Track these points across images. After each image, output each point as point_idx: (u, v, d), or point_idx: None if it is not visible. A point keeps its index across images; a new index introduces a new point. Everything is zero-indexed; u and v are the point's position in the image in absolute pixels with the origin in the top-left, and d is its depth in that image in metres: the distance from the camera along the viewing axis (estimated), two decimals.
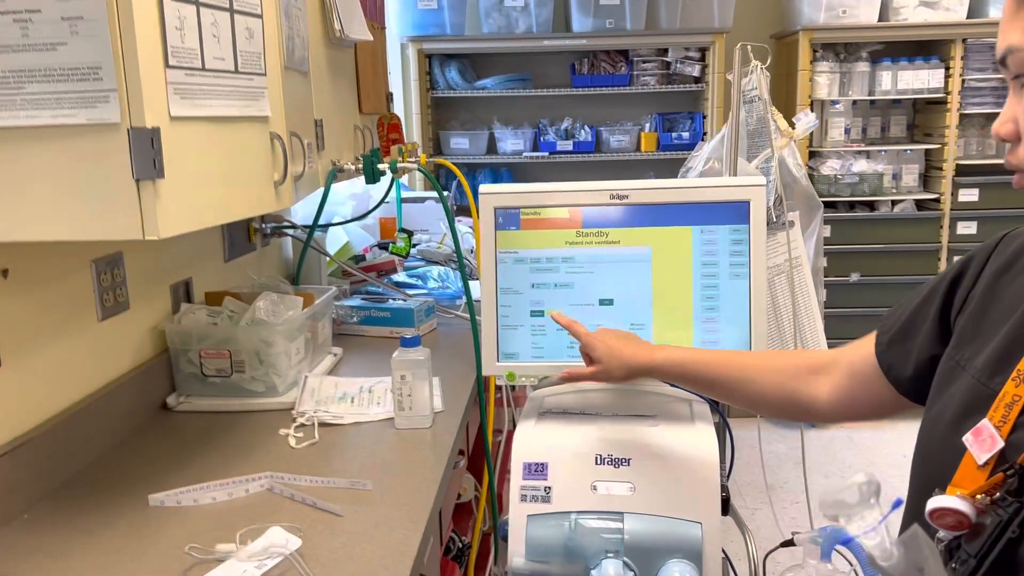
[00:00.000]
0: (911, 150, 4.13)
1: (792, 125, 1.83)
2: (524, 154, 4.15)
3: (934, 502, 0.78)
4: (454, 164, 2.06)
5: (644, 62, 4.13)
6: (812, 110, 3.68)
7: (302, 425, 1.60)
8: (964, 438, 0.80)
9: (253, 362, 1.70)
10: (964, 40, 3.87)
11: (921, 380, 0.99)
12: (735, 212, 1.36)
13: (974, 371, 0.85)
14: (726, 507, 1.25)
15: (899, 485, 2.83)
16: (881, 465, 3.60)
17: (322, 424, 1.60)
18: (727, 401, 1.26)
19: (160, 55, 1.10)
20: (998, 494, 0.75)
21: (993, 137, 0.86)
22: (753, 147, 1.84)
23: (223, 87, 1.26)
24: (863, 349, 1.11)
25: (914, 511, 0.92)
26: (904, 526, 0.94)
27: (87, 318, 1.51)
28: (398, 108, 4.09)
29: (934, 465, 0.87)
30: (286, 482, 1.34)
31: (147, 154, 1.07)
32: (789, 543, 1.25)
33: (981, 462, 0.78)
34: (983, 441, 0.78)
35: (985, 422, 0.79)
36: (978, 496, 0.76)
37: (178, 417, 1.67)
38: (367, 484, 1.33)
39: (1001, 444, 0.77)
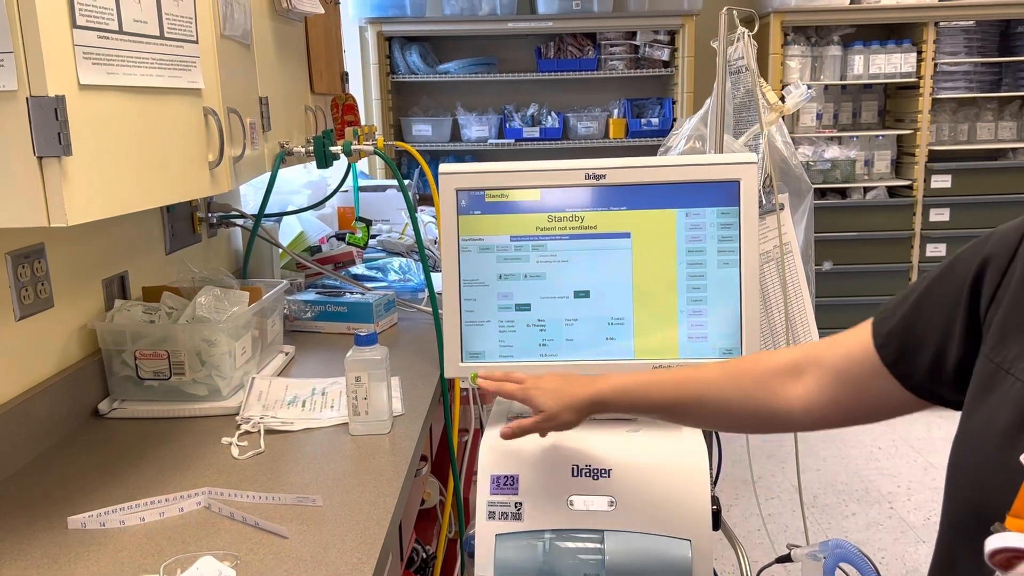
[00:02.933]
0: (883, 136, 4.07)
1: (782, 99, 1.71)
2: (489, 141, 4.01)
3: (996, 541, 0.65)
4: (416, 151, 1.92)
5: (612, 46, 4.01)
6: (784, 95, 3.61)
7: (247, 432, 1.45)
8: (1023, 458, 0.68)
9: (194, 363, 1.55)
10: (936, 23, 3.80)
11: (940, 381, 0.87)
12: (724, 193, 1.23)
13: None
14: (717, 521, 1.14)
15: (877, 479, 2.71)
16: (856, 459, 3.53)
17: (269, 431, 1.45)
18: (691, 424, 1.12)
19: (66, 13, 0.96)
20: None
21: None
22: (740, 123, 1.72)
23: (145, 54, 1.11)
24: (851, 346, 0.96)
25: (953, 541, 0.80)
26: (940, 557, 0.82)
27: (2, 317, 1.35)
28: (356, 94, 3.92)
29: (982, 488, 0.74)
30: (225, 499, 1.20)
31: (50, 127, 0.93)
32: (785, 558, 1.14)
33: None
34: None
35: None
36: None
37: (111, 425, 1.52)
38: (316, 500, 1.19)
39: None
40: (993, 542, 0.65)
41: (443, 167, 1.31)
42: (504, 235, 1.28)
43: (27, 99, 0.91)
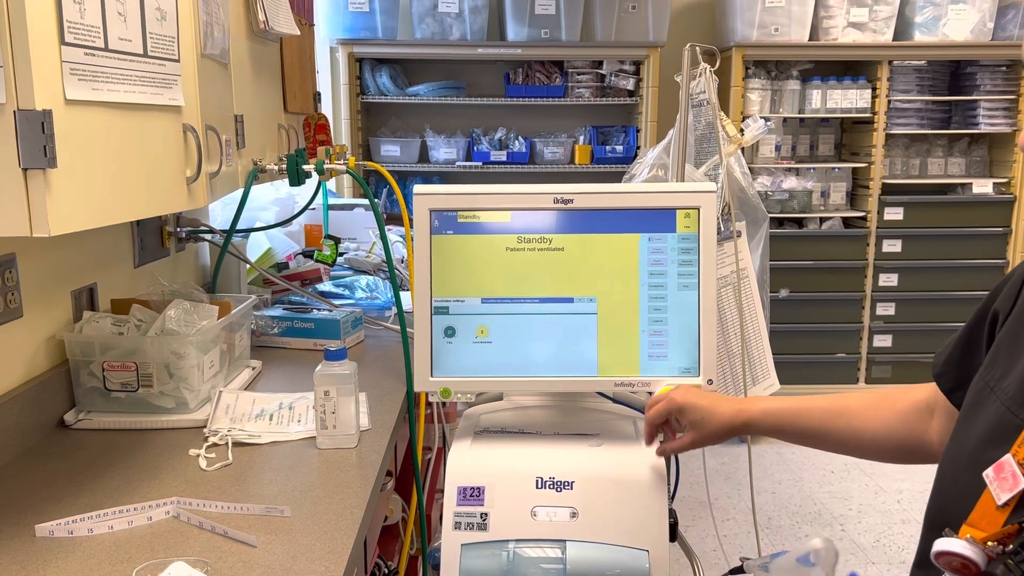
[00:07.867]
0: (839, 168, 4.19)
1: (741, 131, 1.79)
2: (457, 163, 4.06)
3: (941, 544, 0.70)
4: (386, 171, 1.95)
5: (579, 74, 4.09)
6: (743, 128, 3.70)
7: (215, 445, 1.47)
8: (984, 473, 0.73)
9: (162, 376, 1.56)
10: (890, 62, 3.94)
11: None
12: (684, 219, 1.29)
13: (1004, 397, 0.78)
14: (674, 533, 1.18)
15: (829, 502, 2.80)
16: (809, 482, 3.61)
17: (237, 444, 1.47)
18: (832, 450, 1.17)
19: (55, 30, 0.98)
20: (1012, 545, 0.68)
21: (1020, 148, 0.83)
22: (701, 153, 1.79)
23: (129, 71, 1.14)
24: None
25: (928, 541, 0.85)
26: (920, 551, 0.87)
27: None
28: (327, 113, 3.96)
29: (950, 497, 0.80)
30: (194, 508, 1.22)
31: (37, 140, 0.95)
32: (738, 570, 1.18)
33: (1001, 502, 0.70)
34: (1004, 480, 0.71)
35: (1008, 458, 0.72)
36: (990, 543, 0.69)
37: (77, 435, 1.52)
38: (285, 510, 1.21)
39: None
40: (938, 545, 0.71)
41: (418, 188, 1.35)
42: (474, 255, 1.32)
43: (15, 112, 0.93)
